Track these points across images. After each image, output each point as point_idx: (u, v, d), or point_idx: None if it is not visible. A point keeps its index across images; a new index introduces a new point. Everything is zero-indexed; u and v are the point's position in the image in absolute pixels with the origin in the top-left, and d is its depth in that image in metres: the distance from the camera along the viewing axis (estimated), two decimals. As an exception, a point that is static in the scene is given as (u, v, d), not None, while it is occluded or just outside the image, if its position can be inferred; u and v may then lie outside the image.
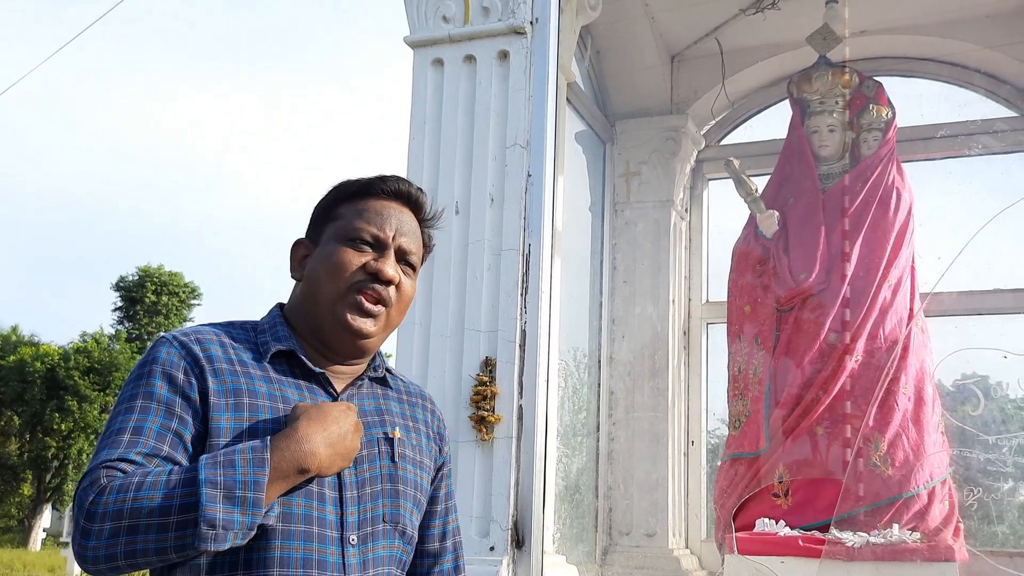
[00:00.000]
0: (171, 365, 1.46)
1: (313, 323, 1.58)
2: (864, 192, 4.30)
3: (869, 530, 3.80)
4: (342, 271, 1.55)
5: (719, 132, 5.55)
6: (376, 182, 1.63)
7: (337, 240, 1.58)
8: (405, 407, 1.67)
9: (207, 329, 1.56)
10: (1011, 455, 4.42)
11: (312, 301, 1.57)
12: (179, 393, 1.44)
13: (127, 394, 1.45)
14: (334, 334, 1.56)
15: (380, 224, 1.59)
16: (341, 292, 1.55)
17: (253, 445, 1.37)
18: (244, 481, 1.33)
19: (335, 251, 1.57)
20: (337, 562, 1.45)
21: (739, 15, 5.00)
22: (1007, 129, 4.76)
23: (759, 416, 4.19)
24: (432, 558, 1.69)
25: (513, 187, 3.58)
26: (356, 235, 1.58)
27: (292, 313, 1.61)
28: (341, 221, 1.60)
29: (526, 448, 3.39)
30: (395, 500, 1.56)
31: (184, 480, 1.32)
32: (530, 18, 3.67)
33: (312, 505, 1.44)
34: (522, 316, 3.48)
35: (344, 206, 1.61)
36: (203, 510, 1.29)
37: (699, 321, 5.37)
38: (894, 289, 4.19)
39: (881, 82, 4.59)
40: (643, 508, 4.99)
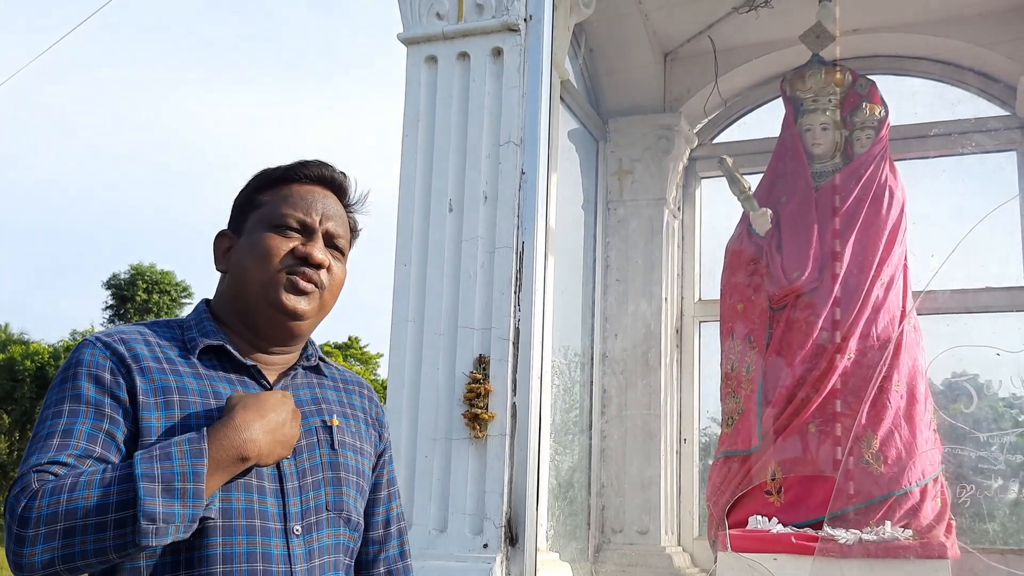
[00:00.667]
0: (96, 366, 1.44)
1: (244, 313, 1.55)
2: (857, 190, 4.31)
3: (861, 527, 3.81)
4: (270, 257, 1.53)
5: (712, 130, 5.55)
6: (298, 167, 1.60)
7: (262, 227, 1.55)
8: (342, 395, 1.66)
9: (132, 328, 1.53)
10: (1002, 453, 4.44)
11: (242, 290, 1.55)
12: (107, 393, 1.42)
13: (54, 399, 1.42)
14: (267, 319, 1.54)
15: (306, 209, 1.57)
16: (271, 276, 1.53)
17: (190, 436, 1.34)
18: (183, 472, 1.30)
19: (261, 238, 1.54)
20: (282, 554, 1.43)
21: (732, 13, 5.00)
22: (1000, 128, 4.78)
23: (752, 414, 4.19)
24: (377, 545, 1.68)
25: (507, 185, 3.57)
26: (282, 221, 1.55)
27: (219, 307, 1.59)
28: (265, 208, 1.57)
29: (520, 445, 3.38)
30: (338, 488, 1.54)
31: (120, 476, 1.29)
32: (524, 15, 3.66)
33: (252, 499, 1.42)
34: (516, 314, 3.48)
35: (266, 193, 1.59)
36: (142, 504, 1.26)
37: (691, 319, 5.37)
38: (887, 287, 4.19)
39: (874, 80, 4.59)
40: (636, 506, 4.99)
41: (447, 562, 3.27)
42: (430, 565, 3.26)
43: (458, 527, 3.34)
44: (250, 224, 1.57)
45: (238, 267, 1.56)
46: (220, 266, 1.60)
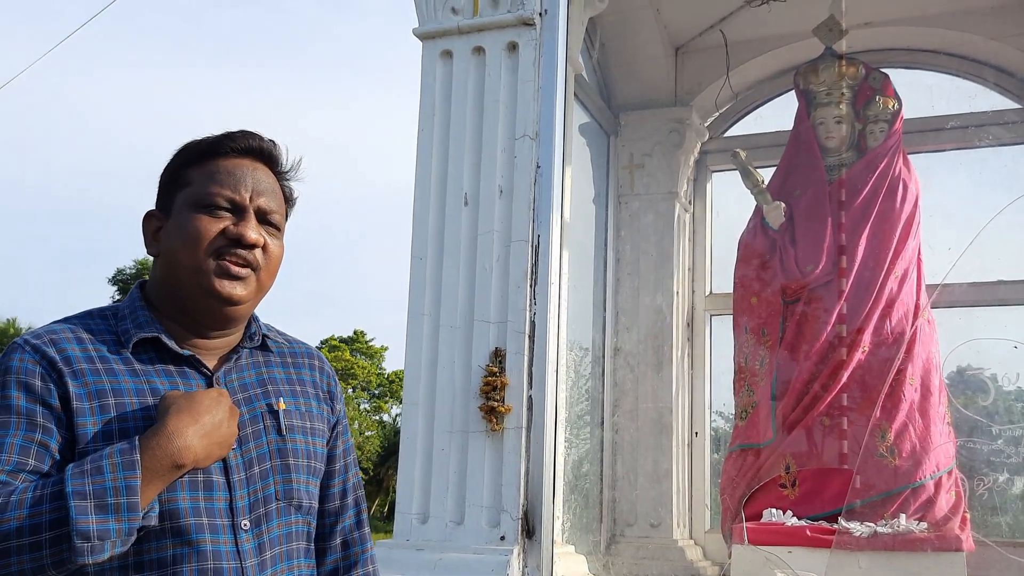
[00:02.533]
0: (26, 373, 1.37)
1: (177, 298, 1.48)
2: (871, 183, 4.31)
3: (876, 520, 3.82)
4: (200, 240, 1.45)
5: (723, 124, 5.55)
6: (224, 140, 1.51)
7: (190, 208, 1.47)
8: (290, 370, 1.59)
9: (62, 327, 1.45)
10: (1015, 446, 4.44)
11: (173, 275, 1.47)
12: (39, 401, 1.35)
13: None
14: (202, 305, 1.47)
15: (234, 185, 1.48)
16: (202, 261, 1.45)
17: (121, 448, 1.29)
18: (115, 487, 1.26)
19: (189, 220, 1.46)
20: (231, 550, 1.39)
21: (744, 7, 4.99)
22: (1016, 121, 4.77)
23: (765, 407, 4.20)
24: (333, 516, 1.63)
25: (522, 178, 3.58)
26: (210, 200, 1.47)
27: (153, 292, 1.51)
28: (192, 187, 1.48)
29: (536, 438, 3.39)
30: (287, 475, 1.49)
31: (51, 494, 1.25)
32: (539, 9, 3.66)
33: (198, 496, 1.38)
34: (531, 307, 3.48)
35: (192, 170, 1.49)
36: (74, 524, 1.22)
37: (703, 313, 5.38)
38: (900, 280, 4.20)
39: (887, 74, 4.59)
40: (648, 499, 5.01)
41: (464, 554, 3.29)
42: (448, 557, 3.27)
43: (475, 520, 3.36)
44: (178, 204, 1.48)
45: (168, 251, 1.47)
46: (151, 249, 1.52)
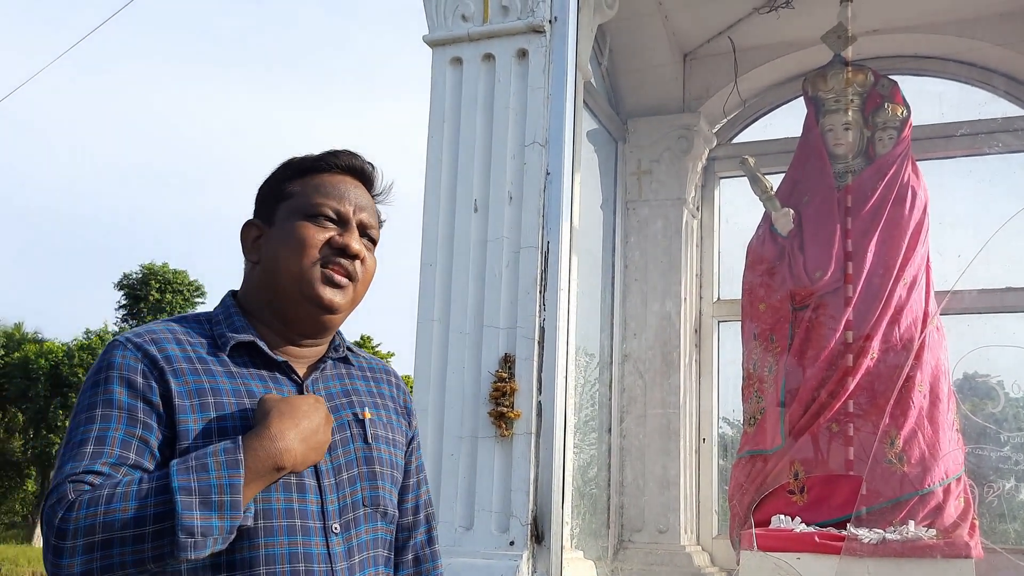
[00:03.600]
0: (128, 369, 1.41)
1: (276, 305, 1.53)
2: (880, 190, 4.32)
3: (885, 527, 3.82)
4: (307, 247, 1.50)
5: (731, 130, 5.56)
6: (329, 156, 1.58)
7: (296, 216, 1.52)
8: (371, 384, 1.63)
9: (161, 328, 1.49)
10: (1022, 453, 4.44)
11: (274, 281, 1.52)
12: (140, 398, 1.39)
13: (85, 403, 1.39)
14: (302, 312, 1.51)
15: (339, 198, 1.54)
16: (307, 268, 1.50)
17: (225, 446, 1.32)
18: (219, 484, 1.28)
19: (296, 228, 1.51)
20: (323, 552, 1.42)
21: (752, 13, 5.01)
22: (987, 131, 4.76)
23: (774, 414, 4.20)
24: (407, 532, 1.66)
25: (531, 185, 3.59)
26: (317, 211, 1.52)
27: (248, 298, 1.56)
28: (297, 199, 1.54)
29: (545, 444, 3.40)
30: (373, 482, 1.53)
31: (156, 488, 1.27)
32: (549, 16, 3.68)
33: (292, 498, 1.41)
34: (540, 313, 3.50)
35: (296, 183, 1.55)
36: (179, 518, 1.24)
37: (710, 319, 5.38)
38: (909, 287, 4.20)
39: (896, 81, 4.60)
40: (656, 505, 5.01)
41: (474, 559, 3.29)
42: (457, 562, 3.28)
43: (484, 525, 3.37)
44: (281, 214, 1.53)
45: (271, 258, 1.52)
46: (251, 256, 1.56)
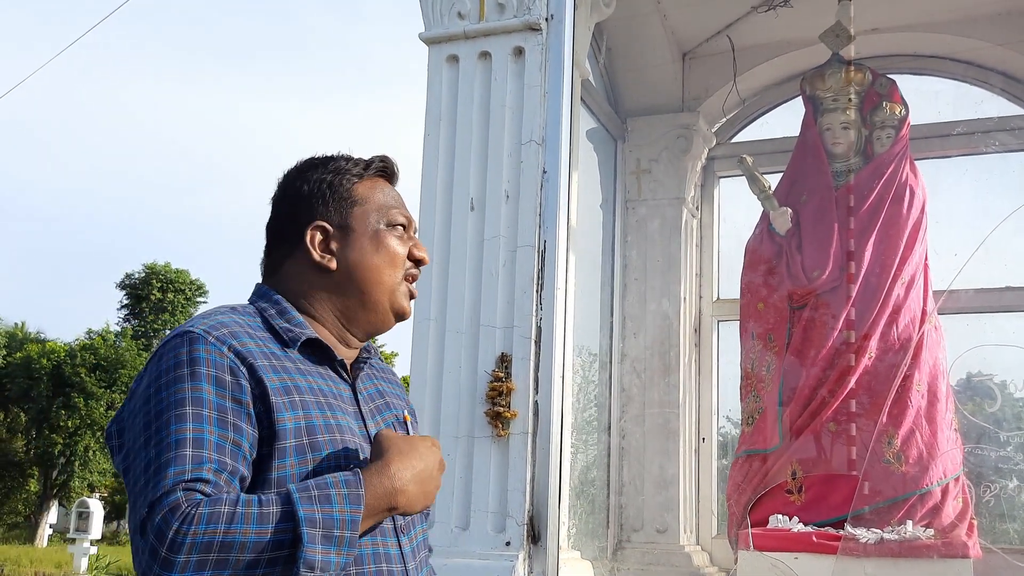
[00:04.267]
0: (215, 366, 1.35)
1: (352, 310, 1.54)
2: (877, 190, 4.31)
3: (883, 526, 3.81)
4: (399, 260, 1.55)
5: (730, 129, 5.55)
6: (378, 162, 1.62)
7: (383, 225, 1.56)
8: (390, 385, 1.66)
9: (231, 320, 1.44)
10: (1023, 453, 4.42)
11: (360, 288, 1.53)
12: (229, 398, 1.34)
13: (171, 399, 1.33)
14: (379, 319, 1.56)
15: (403, 206, 1.60)
16: (399, 280, 1.55)
17: (347, 479, 1.31)
18: (342, 520, 1.28)
19: (386, 238, 1.55)
20: (397, 553, 1.45)
21: (751, 12, 4.99)
22: (987, 130, 4.75)
23: (772, 413, 4.19)
24: None
25: (528, 183, 3.58)
26: (396, 220, 1.57)
27: (305, 298, 1.54)
28: (371, 205, 1.56)
29: (542, 444, 3.39)
30: None
31: (280, 514, 1.25)
32: (545, 15, 3.67)
33: None
34: (537, 312, 3.49)
35: (361, 187, 1.58)
36: (304, 551, 1.24)
37: (710, 318, 5.37)
38: (907, 286, 4.19)
39: (894, 80, 4.59)
40: (655, 504, 5.00)
41: (470, 560, 3.29)
42: (453, 563, 3.27)
43: (480, 525, 3.36)
44: (359, 219, 1.55)
45: (357, 265, 1.54)
46: (322, 259, 1.54)
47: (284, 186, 1.60)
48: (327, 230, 1.55)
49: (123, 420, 1.40)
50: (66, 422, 24.75)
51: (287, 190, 1.59)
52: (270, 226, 1.61)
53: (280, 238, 1.58)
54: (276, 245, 1.59)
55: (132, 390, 1.41)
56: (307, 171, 1.59)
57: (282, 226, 1.58)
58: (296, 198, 1.57)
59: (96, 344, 26.03)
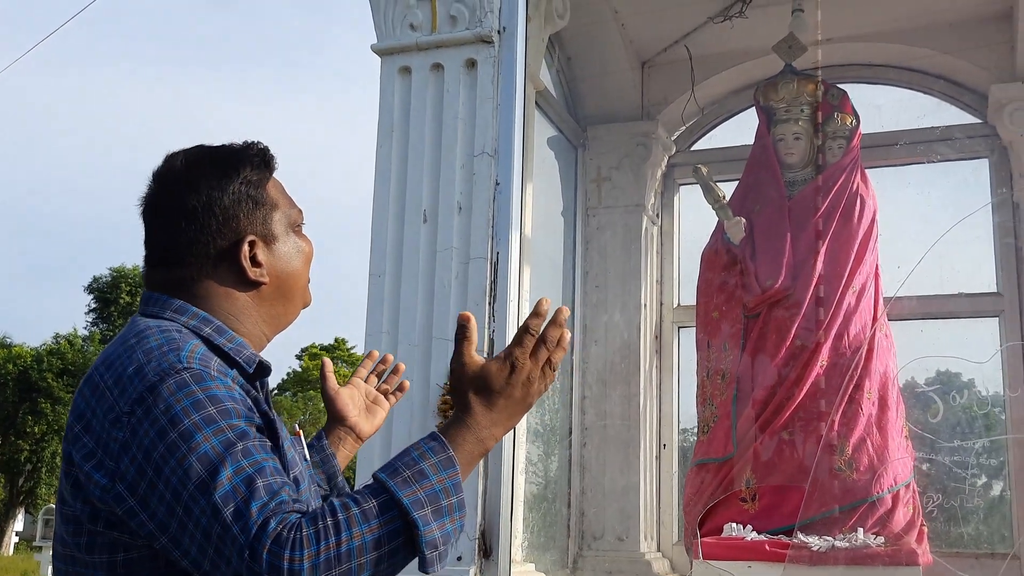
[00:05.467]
0: (233, 399, 1.30)
1: (282, 318, 1.54)
2: (829, 199, 4.35)
3: (834, 534, 3.85)
4: (310, 258, 1.57)
5: (690, 137, 5.58)
6: (270, 155, 1.56)
7: (294, 230, 1.55)
8: None
9: (202, 349, 1.37)
10: (975, 457, 4.49)
11: (287, 295, 1.53)
12: (254, 427, 1.31)
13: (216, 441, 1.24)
14: (295, 318, 1.58)
15: (295, 201, 1.59)
16: (308, 277, 1.57)
17: (431, 447, 1.28)
18: (444, 488, 1.25)
19: (299, 240, 1.55)
20: None
21: (707, 23, 5.02)
22: (972, 136, 4.83)
23: (726, 421, 4.22)
24: None
25: (481, 195, 3.59)
26: (300, 220, 1.58)
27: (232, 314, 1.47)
28: (282, 207, 1.53)
29: (494, 457, 3.39)
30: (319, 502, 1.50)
31: (381, 505, 1.22)
32: (497, 27, 3.68)
33: None
34: (490, 325, 3.49)
35: (270, 190, 1.53)
36: (423, 535, 1.21)
37: (670, 325, 5.40)
38: (858, 295, 4.24)
39: (846, 90, 4.64)
40: (615, 512, 5.01)
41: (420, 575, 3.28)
42: (404, 576, 3.26)
43: (432, 538, 3.35)
44: (278, 225, 1.52)
45: (284, 273, 1.51)
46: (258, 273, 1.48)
47: (186, 196, 1.46)
48: (255, 242, 1.49)
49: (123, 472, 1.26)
50: (32, 428, 24.48)
51: (195, 201, 1.46)
52: (174, 239, 1.47)
53: (193, 253, 1.46)
54: (186, 260, 1.46)
55: (124, 441, 1.27)
56: (214, 178, 1.48)
57: (198, 240, 1.46)
58: (212, 210, 1.46)
59: (63, 349, 25.77)
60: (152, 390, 1.28)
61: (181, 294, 1.47)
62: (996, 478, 4.71)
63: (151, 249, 1.51)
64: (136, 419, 1.27)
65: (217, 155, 1.52)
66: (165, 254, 1.48)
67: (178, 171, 1.49)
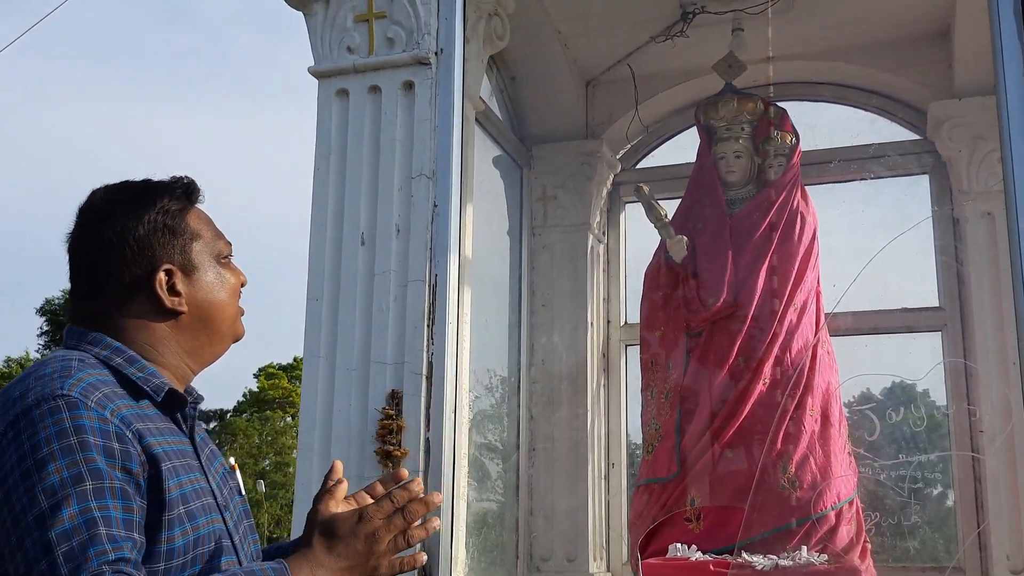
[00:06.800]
0: (103, 434, 1.29)
1: (204, 349, 1.54)
2: (769, 217, 4.38)
3: (778, 552, 3.85)
4: (237, 289, 1.58)
5: (636, 156, 5.60)
6: (198, 188, 1.59)
7: (219, 261, 1.57)
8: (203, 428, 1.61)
9: (97, 379, 1.36)
10: (920, 470, 4.53)
11: (210, 326, 1.53)
12: (120, 467, 1.28)
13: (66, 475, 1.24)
14: (221, 350, 1.57)
15: (223, 233, 1.61)
16: (237, 309, 1.58)
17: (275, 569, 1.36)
18: None
19: (225, 272, 1.57)
20: None
21: (650, 42, 5.05)
22: (903, 153, 4.89)
23: (670, 440, 4.22)
24: None
25: (419, 217, 3.56)
26: (228, 252, 1.59)
27: (150, 344, 1.48)
28: (205, 237, 1.55)
29: (433, 482, 3.35)
30: (254, 536, 1.55)
31: None
32: (434, 49, 3.66)
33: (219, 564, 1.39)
34: (429, 348, 3.45)
35: (191, 220, 1.54)
36: None
37: (618, 343, 5.40)
38: (800, 312, 4.26)
39: (785, 109, 4.68)
40: (563, 532, 4.99)
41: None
42: (342, 606, 3.20)
43: (371, 566, 3.30)
44: (199, 255, 1.53)
45: (207, 303, 1.52)
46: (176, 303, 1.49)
47: (102, 227, 1.49)
48: (173, 272, 1.51)
49: None
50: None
51: (110, 232, 1.48)
52: (91, 271, 1.50)
53: (110, 284, 1.48)
54: (104, 291, 1.49)
55: None
56: (130, 209, 1.50)
57: (113, 271, 1.48)
58: (127, 240, 1.48)
59: (14, 373, 25.26)
60: (26, 414, 1.29)
61: (100, 326, 1.48)
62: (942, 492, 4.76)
63: (73, 282, 1.53)
64: (6, 441, 1.28)
65: (137, 187, 1.55)
66: (85, 286, 1.51)
67: (97, 204, 1.52)
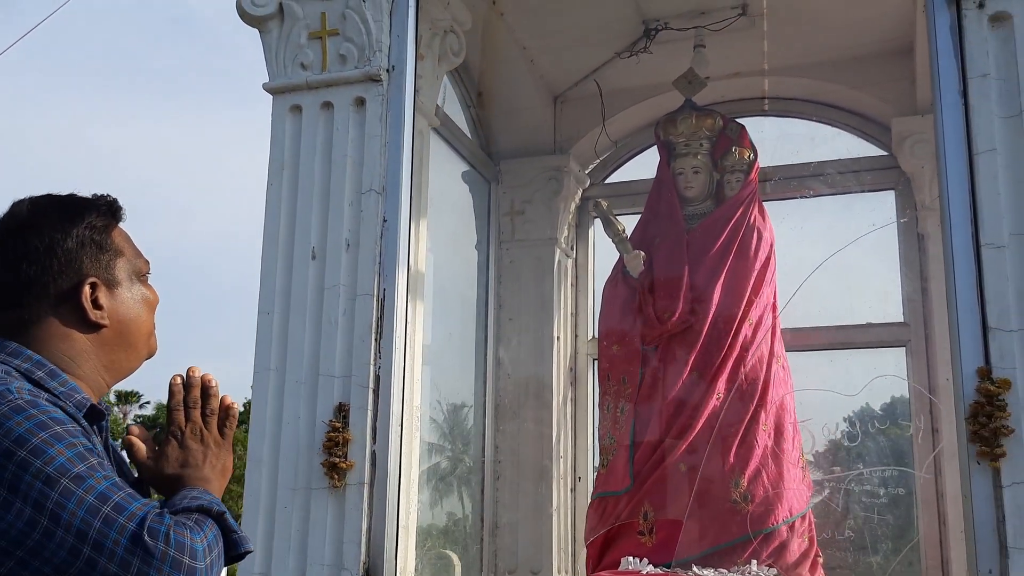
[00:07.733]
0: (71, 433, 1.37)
1: (121, 363, 1.58)
2: (726, 232, 4.40)
3: (729, 567, 3.85)
4: (154, 306, 1.63)
5: (605, 171, 5.63)
6: (118, 206, 1.63)
7: (138, 279, 1.61)
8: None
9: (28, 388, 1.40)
10: (881, 486, 4.53)
11: (129, 341, 1.57)
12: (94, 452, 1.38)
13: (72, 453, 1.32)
14: (139, 366, 1.62)
15: (140, 251, 1.65)
16: (153, 325, 1.63)
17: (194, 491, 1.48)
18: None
19: (143, 287, 1.62)
20: None
21: (615, 58, 5.09)
22: (876, 168, 4.93)
23: (624, 454, 4.23)
24: None
25: (368, 232, 3.59)
26: (147, 270, 1.64)
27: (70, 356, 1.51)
28: (126, 255, 1.60)
29: (379, 494, 3.38)
30: None
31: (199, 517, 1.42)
32: (386, 66, 3.70)
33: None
34: (376, 361, 3.48)
35: (115, 237, 1.59)
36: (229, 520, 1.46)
37: (585, 357, 5.41)
38: (755, 327, 4.27)
39: (744, 125, 4.70)
40: (529, 545, 5.00)
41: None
42: (284, 618, 3.23)
43: (315, 578, 3.32)
44: (121, 271, 1.57)
45: (127, 319, 1.57)
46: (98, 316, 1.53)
47: (29, 238, 1.51)
48: (98, 285, 1.54)
49: None
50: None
51: (37, 242, 1.50)
52: (13, 284, 1.51)
53: (33, 294, 1.50)
54: (25, 303, 1.50)
55: None
56: (58, 222, 1.53)
57: (37, 281, 1.50)
58: (54, 252, 1.51)
59: None
60: None
61: (20, 336, 1.50)
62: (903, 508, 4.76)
63: None
64: None
65: (64, 201, 1.57)
66: (6, 296, 1.52)
67: (22, 216, 1.54)
